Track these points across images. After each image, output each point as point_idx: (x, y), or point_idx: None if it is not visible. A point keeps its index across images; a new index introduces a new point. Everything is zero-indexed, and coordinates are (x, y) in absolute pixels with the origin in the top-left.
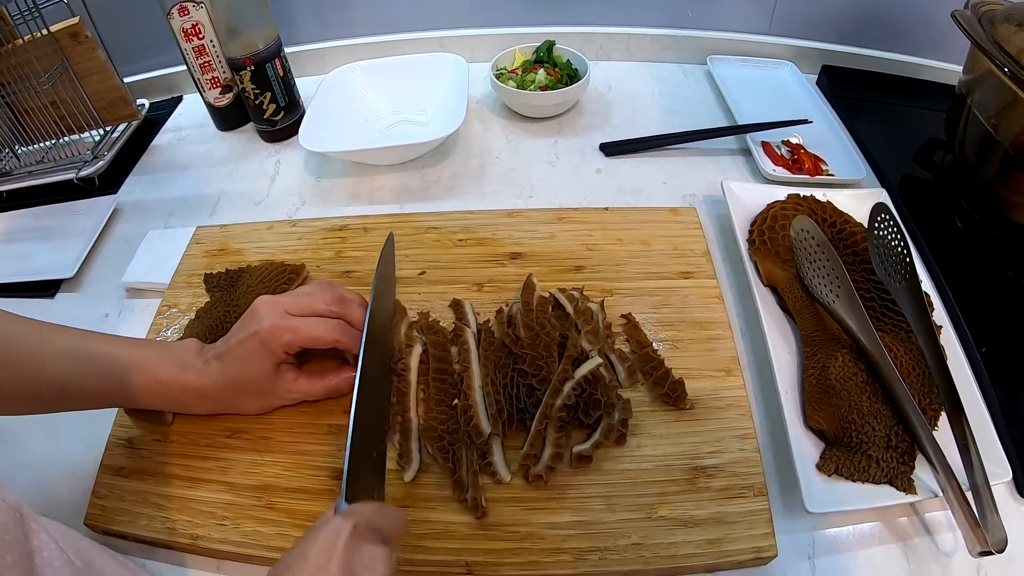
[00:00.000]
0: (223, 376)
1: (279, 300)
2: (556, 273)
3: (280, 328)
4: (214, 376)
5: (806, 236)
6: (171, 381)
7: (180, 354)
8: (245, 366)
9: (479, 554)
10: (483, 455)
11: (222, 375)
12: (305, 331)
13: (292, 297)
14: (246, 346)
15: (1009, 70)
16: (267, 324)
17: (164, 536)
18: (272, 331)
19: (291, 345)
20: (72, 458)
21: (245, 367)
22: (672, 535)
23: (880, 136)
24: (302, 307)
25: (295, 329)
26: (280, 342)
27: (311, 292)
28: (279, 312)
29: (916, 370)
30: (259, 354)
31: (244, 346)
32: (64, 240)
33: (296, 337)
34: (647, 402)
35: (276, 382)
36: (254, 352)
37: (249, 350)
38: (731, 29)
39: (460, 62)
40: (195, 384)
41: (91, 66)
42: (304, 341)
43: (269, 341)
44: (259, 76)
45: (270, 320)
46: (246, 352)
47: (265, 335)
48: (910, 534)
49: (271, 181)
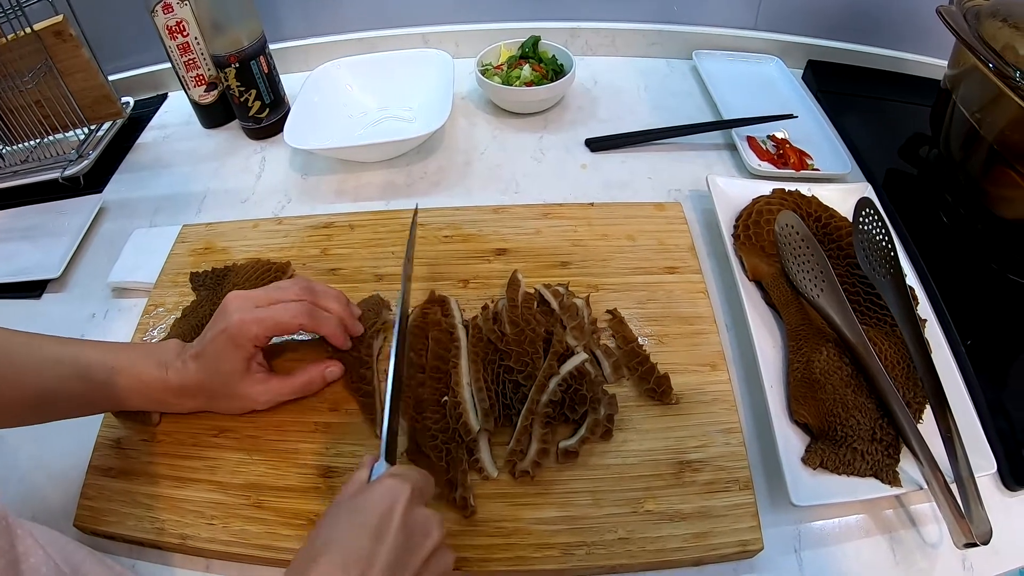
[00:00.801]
0: (198, 375)
1: (248, 294)
2: (542, 269)
3: (247, 321)
4: (191, 375)
5: (791, 231)
6: (153, 381)
7: (161, 355)
8: (216, 363)
9: (467, 550)
10: (470, 451)
11: (197, 374)
12: (269, 318)
13: (262, 290)
14: (216, 343)
15: (994, 66)
16: (235, 319)
17: (153, 536)
18: (239, 325)
19: (258, 337)
20: (61, 459)
21: (216, 364)
22: (658, 529)
23: (865, 130)
24: (269, 298)
25: (260, 320)
26: (248, 335)
27: (281, 284)
28: (247, 306)
29: (901, 364)
30: (229, 350)
31: (215, 343)
32: (50, 240)
33: (261, 327)
34: (633, 397)
35: (247, 381)
36: (224, 348)
37: (219, 347)
38: (717, 24)
39: (445, 58)
40: (175, 383)
41: (75, 64)
42: (269, 329)
43: (237, 336)
44: (244, 73)
45: (238, 315)
46: (216, 349)
47: (233, 330)
48: (896, 526)
49: (256, 179)
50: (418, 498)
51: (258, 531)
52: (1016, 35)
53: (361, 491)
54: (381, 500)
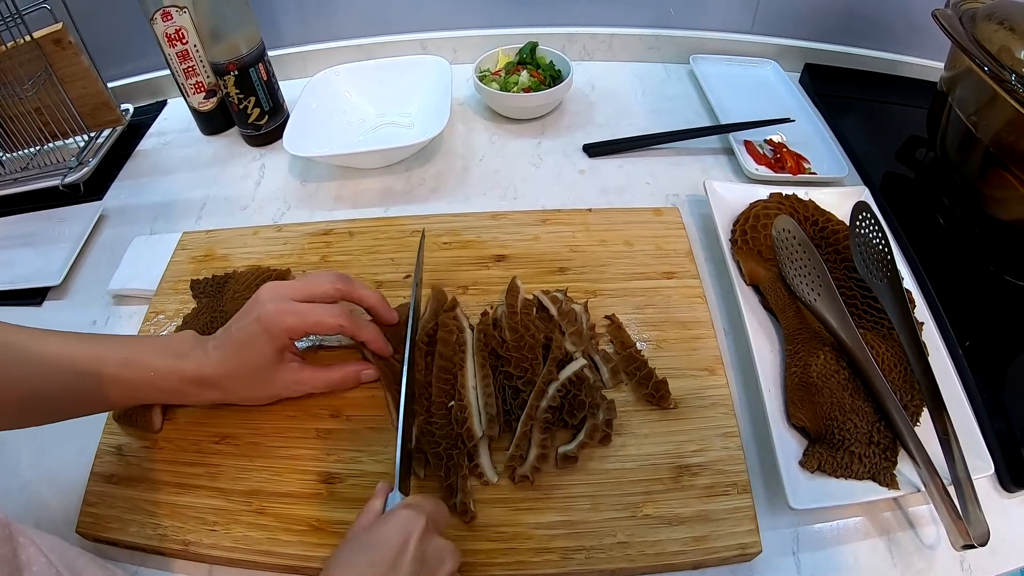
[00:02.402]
0: (223, 364)
1: (282, 285)
2: (540, 275)
3: (283, 311)
4: (214, 364)
5: (788, 235)
6: (167, 370)
7: (176, 345)
8: (246, 351)
9: (467, 555)
10: (470, 457)
11: (222, 363)
12: (310, 314)
13: (296, 282)
14: (247, 331)
15: (989, 69)
16: (270, 308)
17: (156, 542)
18: (275, 314)
19: (294, 330)
20: (62, 466)
21: (246, 352)
22: (657, 533)
23: (862, 133)
24: (305, 290)
25: (299, 312)
26: (283, 326)
27: (313, 276)
28: (282, 296)
29: (898, 367)
30: (260, 338)
31: (245, 331)
32: (50, 247)
33: (300, 320)
34: (631, 402)
35: (279, 370)
36: (255, 336)
37: (250, 335)
38: (714, 28)
39: (443, 64)
40: (194, 372)
41: (75, 72)
42: (308, 325)
43: (271, 325)
44: (243, 81)
45: (273, 304)
46: (246, 337)
47: (267, 319)
48: (894, 528)
49: (256, 185)
50: (432, 528)
51: (260, 537)
52: (1012, 37)
53: (376, 523)
54: (396, 533)
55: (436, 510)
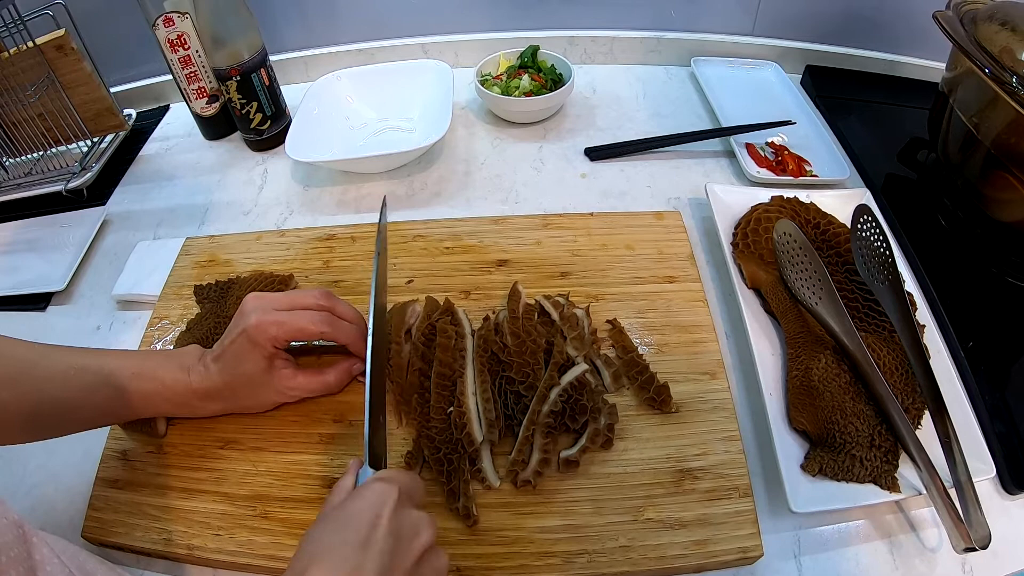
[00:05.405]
0: (221, 376)
1: (267, 296)
2: (542, 280)
3: (266, 322)
4: (213, 377)
5: (789, 239)
6: (177, 384)
7: (183, 359)
8: (238, 364)
9: (470, 559)
10: (472, 461)
11: (219, 376)
12: (291, 323)
13: (282, 295)
14: (236, 345)
15: (990, 71)
16: (253, 320)
17: (161, 547)
18: (258, 326)
19: (277, 339)
20: (68, 471)
21: (238, 365)
22: (659, 537)
23: (864, 135)
24: (288, 302)
25: (280, 322)
26: (266, 336)
27: (298, 291)
28: (266, 308)
29: (899, 370)
30: (249, 351)
31: (234, 345)
32: (54, 253)
33: (281, 330)
34: (633, 406)
35: (273, 378)
36: (244, 349)
37: (239, 348)
38: (715, 30)
39: (444, 68)
40: (198, 387)
41: (77, 77)
42: (290, 333)
43: (256, 336)
44: (245, 86)
45: (256, 316)
46: (236, 351)
47: (252, 331)
48: (895, 531)
49: (259, 191)
50: (406, 500)
51: (264, 541)
52: (1013, 38)
53: (347, 499)
54: (368, 506)
55: (410, 482)
